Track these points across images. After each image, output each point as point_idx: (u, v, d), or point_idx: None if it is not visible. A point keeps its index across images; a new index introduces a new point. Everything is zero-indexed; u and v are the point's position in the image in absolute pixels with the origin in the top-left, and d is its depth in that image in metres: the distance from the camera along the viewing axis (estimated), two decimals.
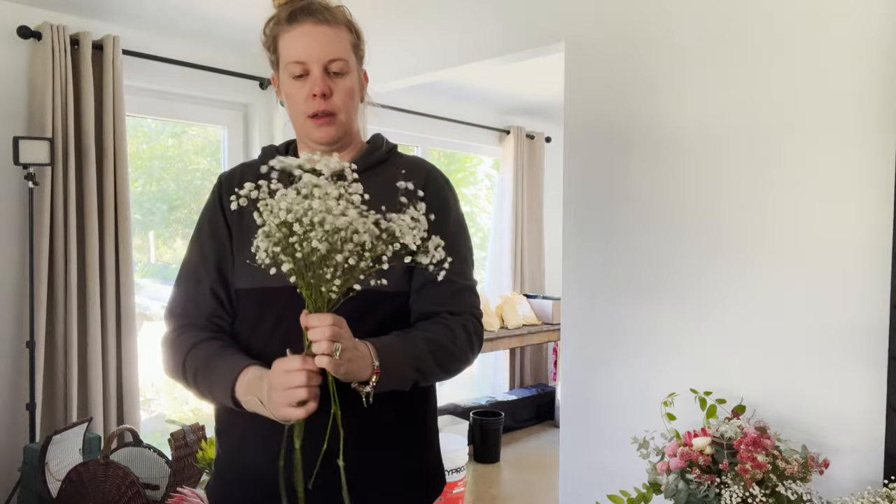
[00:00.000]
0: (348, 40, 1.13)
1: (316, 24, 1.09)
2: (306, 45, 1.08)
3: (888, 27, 1.50)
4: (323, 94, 1.09)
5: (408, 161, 1.25)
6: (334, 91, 1.10)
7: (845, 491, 1.44)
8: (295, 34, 1.09)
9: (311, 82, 1.09)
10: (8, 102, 2.64)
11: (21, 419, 2.63)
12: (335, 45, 1.10)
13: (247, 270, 1.10)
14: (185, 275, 1.17)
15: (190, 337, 1.11)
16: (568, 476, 2.16)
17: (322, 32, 1.09)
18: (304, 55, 1.09)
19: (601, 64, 2.05)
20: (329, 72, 1.10)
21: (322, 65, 1.09)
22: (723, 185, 1.77)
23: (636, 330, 1.96)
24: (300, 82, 1.10)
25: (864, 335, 1.53)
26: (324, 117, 1.11)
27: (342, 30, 1.12)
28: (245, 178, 1.11)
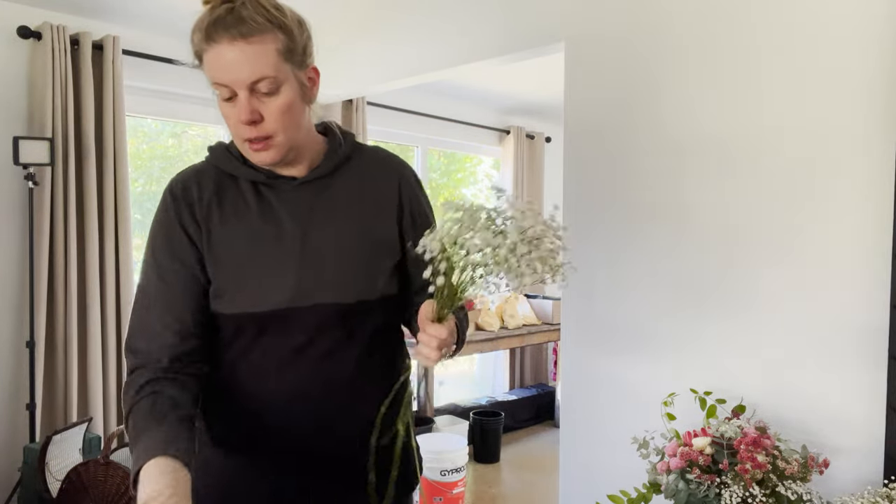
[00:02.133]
0: (275, 50, 0.96)
1: (231, 42, 0.93)
2: (225, 69, 0.94)
3: (889, 28, 1.50)
4: (251, 122, 0.97)
5: (374, 157, 1.16)
6: (265, 114, 0.97)
7: (845, 491, 1.44)
8: (212, 55, 0.95)
9: (238, 107, 0.96)
10: (8, 102, 2.64)
11: (21, 419, 2.63)
12: (257, 63, 0.94)
13: (235, 293, 1.03)
14: (141, 304, 1.04)
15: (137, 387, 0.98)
16: (568, 476, 2.16)
17: (240, 51, 0.93)
18: (223, 78, 0.95)
19: (601, 64, 2.04)
20: (257, 92, 0.96)
21: (246, 87, 0.95)
22: (722, 185, 1.77)
23: (636, 330, 1.96)
24: (230, 105, 0.98)
25: (864, 335, 1.53)
26: (259, 142, 0.99)
27: (265, 40, 0.95)
28: (203, 186, 1.06)
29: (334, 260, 1.05)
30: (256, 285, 1.03)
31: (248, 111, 0.96)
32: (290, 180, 1.07)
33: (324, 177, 1.09)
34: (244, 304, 1.03)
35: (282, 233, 1.04)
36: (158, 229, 1.06)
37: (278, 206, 1.05)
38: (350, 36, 2.98)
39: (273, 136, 0.99)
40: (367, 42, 2.89)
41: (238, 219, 1.05)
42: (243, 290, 1.03)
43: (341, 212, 1.08)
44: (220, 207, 1.05)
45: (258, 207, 1.05)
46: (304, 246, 1.04)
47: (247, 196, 1.06)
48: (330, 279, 1.04)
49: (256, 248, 1.03)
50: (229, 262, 1.03)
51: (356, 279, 1.06)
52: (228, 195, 1.06)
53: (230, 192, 1.06)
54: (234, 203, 1.05)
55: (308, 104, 1.06)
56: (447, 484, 3.07)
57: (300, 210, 1.06)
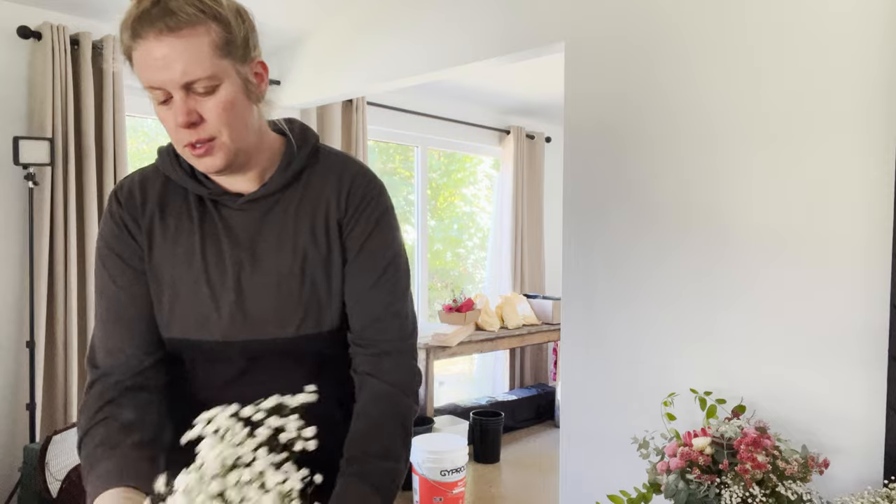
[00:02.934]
0: (209, 43, 0.85)
1: (158, 36, 0.82)
2: (154, 68, 0.84)
3: (889, 28, 1.50)
4: (189, 124, 0.86)
5: (331, 169, 1.02)
6: (204, 114, 0.87)
7: (845, 491, 1.44)
8: (140, 53, 0.85)
9: (174, 109, 0.86)
10: (8, 102, 2.64)
11: (21, 419, 2.63)
12: (190, 61, 0.83)
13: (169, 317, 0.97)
14: (99, 317, 0.98)
15: (92, 411, 0.93)
16: (568, 476, 2.16)
17: (170, 48, 0.83)
18: (156, 80, 0.85)
19: (601, 64, 2.04)
20: (194, 90, 0.86)
21: (180, 87, 0.85)
22: (723, 185, 1.77)
23: (636, 330, 1.96)
24: (166, 107, 0.87)
25: (864, 335, 1.53)
26: (202, 146, 0.88)
27: (197, 32, 0.84)
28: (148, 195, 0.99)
29: (275, 292, 0.96)
30: (189, 313, 0.96)
31: (184, 112, 0.85)
32: (235, 198, 0.97)
33: (273, 193, 0.98)
34: (177, 330, 0.97)
35: (220, 259, 0.96)
36: (106, 236, 0.99)
37: (221, 227, 0.97)
38: (350, 36, 2.98)
39: (216, 136, 0.88)
40: (366, 42, 2.89)
41: (178, 236, 0.97)
42: (176, 316, 0.96)
43: (287, 237, 0.97)
44: (162, 221, 0.98)
45: (200, 227, 0.97)
46: (242, 275, 0.96)
47: (192, 211, 0.98)
48: (269, 313, 0.96)
49: (193, 273, 0.96)
50: (165, 283, 0.97)
51: (298, 313, 0.96)
52: (173, 208, 0.98)
53: (174, 205, 0.99)
54: (177, 217, 0.98)
55: (255, 102, 0.94)
56: (447, 484, 3.07)
57: (243, 234, 0.97)
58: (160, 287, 0.97)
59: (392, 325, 0.99)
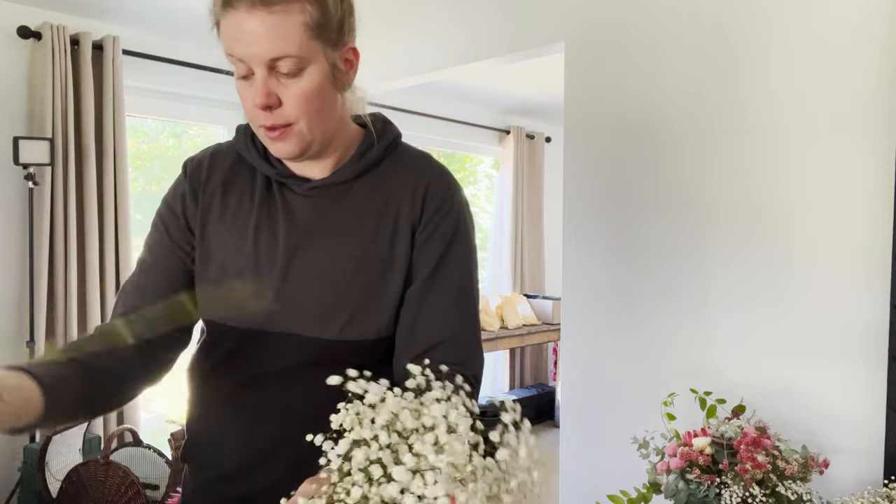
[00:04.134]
0: (302, 23, 0.80)
1: (250, 9, 0.79)
2: (240, 41, 0.80)
3: (890, 27, 1.50)
4: (265, 106, 0.83)
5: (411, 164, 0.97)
6: (284, 98, 0.83)
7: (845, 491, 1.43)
8: (229, 23, 0.81)
9: (254, 87, 0.83)
10: (8, 102, 2.64)
11: None
12: (279, 38, 0.79)
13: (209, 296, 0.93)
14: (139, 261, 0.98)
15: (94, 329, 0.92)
16: (568, 476, 2.16)
17: (260, 22, 0.79)
18: (238, 52, 0.81)
19: (601, 64, 2.04)
20: (277, 71, 0.82)
21: (264, 65, 0.81)
22: (723, 185, 1.77)
23: (636, 330, 1.96)
24: (247, 83, 0.84)
25: (864, 335, 1.53)
26: (276, 130, 0.85)
27: (291, 10, 0.80)
28: (215, 171, 0.96)
29: (324, 286, 0.90)
30: (232, 295, 0.91)
31: (263, 94, 0.81)
32: (302, 182, 0.92)
33: (342, 182, 0.93)
34: (217, 312, 0.93)
35: (274, 244, 0.91)
36: (165, 201, 0.98)
37: (282, 210, 0.92)
38: None
39: (293, 123, 0.84)
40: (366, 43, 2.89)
41: (237, 216, 0.93)
42: (219, 297, 0.92)
43: (349, 230, 0.91)
44: (224, 198, 0.94)
45: (260, 209, 0.93)
46: (293, 262, 0.90)
47: (255, 192, 0.94)
48: (314, 306, 0.89)
49: (244, 254, 0.92)
50: (214, 261, 0.93)
51: (344, 313, 0.89)
52: (236, 187, 0.95)
53: (239, 184, 0.95)
54: (239, 197, 0.94)
55: (341, 91, 0.90)
56: None
57: (302, 221, 0.92)
58: (208, 265, 0.93)
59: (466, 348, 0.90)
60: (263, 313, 0.90)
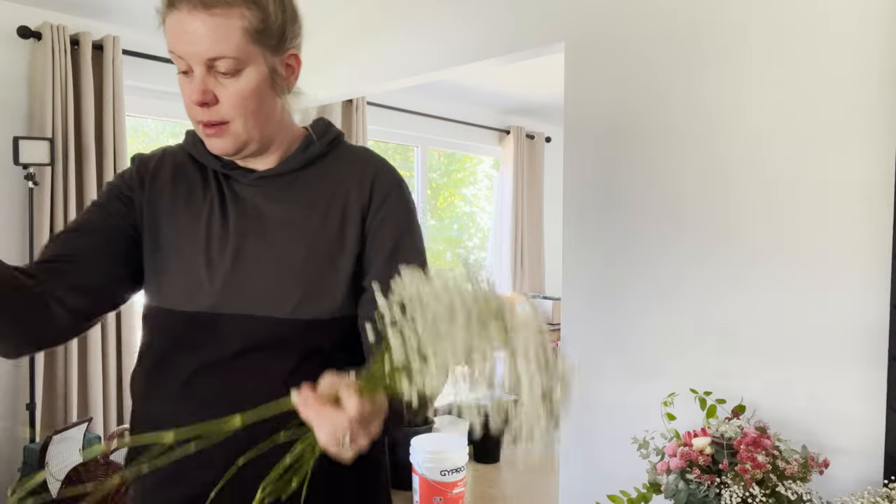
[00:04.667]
0: (241, 27, 0.85)
1: (192, 11, 0.83)
2: (181, 39, 0.85)
3: (890, 27, 1.50)
4: (201, 103, 0.86)
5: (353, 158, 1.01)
6: (221, 97, 0.87)
7: (845, 491, 1.43)
8: (172, 22, 0.86)
9: (192, 84, 0.86)
10: (8, 102, 2.64)
11: (21, 419, 2.63)
12: (217, 39, 0.83)
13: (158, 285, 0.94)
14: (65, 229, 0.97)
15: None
16: (568, 476, 2.16)
17: (200, 23, 0.83)
18: (178, 49, 0.86)
19: (601, 64, 2.04)
20: (215, 70, 0.86)
21: (202, 63, 0.85)
22: (723, 185, 1.77)
23: (636, 330, 1.96)
24: (187, 79, 0.88)
25: (864, 335, 1.53)
26: (212, 127, 0.88)
27: (230, 14, 0.84)
28: (164, 165, 1.00)
29: (275, 267, 0.92)
30: (183, 280, 0.93)
31: (200, 91, 0.85)
32: (248, 173, 0.96)
33: (288, 173, 0.96)
34: (167, 300, 0.93)
35: (224, 230, 0.94)
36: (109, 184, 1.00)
37: (231, 200, 0.96)
38: (350, 36, 2.98)
39: (229, 122, 0.88)
40: (367, 42, 2.89)
41: (188, 206, 0.96)
42: (169, 284, 0.94)
43: (298, 215, 0.94)
44: (174, 189, 0.97)
45: (211, 199, 0.96)
46: (243, 246, 0.93)
47: (205, 185, 0.98)
48: (265, 287, 0.91)
49: (195, 242, 0.94)
50: (165, 250, 0.95)
51: (296, 292, 0.91)
52: (186, 181, 0.98)
53: (189, 179, 0.98)
54: (189, 188, 0.97)
55: (280, 94, 0.94)
56: (447, 484, 3.07)
57: (252, 208, 0.95)
58: (159, 254, 0.95)
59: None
60: (216, 295, 0.91)
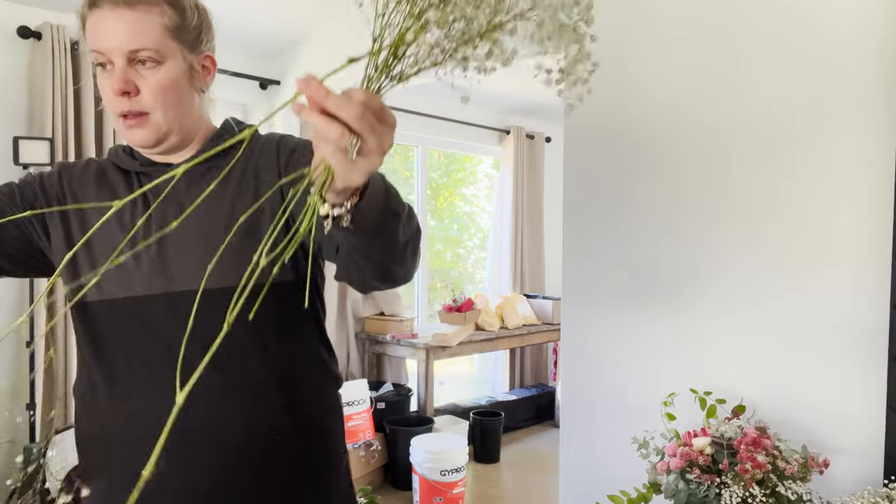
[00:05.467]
0: (161, 24, 0.93)
1: (114, 7, 0.90)
2: (104, 35, 0.91)
3: (890, 27, 1.50)
4: (125, 92, 0.92)
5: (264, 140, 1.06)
6: (141, 86, 0.92)
7: (845, 491, 1.44)
8: (94, 20, 0.92)
9: (113, 75, 0.92)
10: (8, 102, 2.64)
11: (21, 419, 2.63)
12: (139, 32, 0.91)
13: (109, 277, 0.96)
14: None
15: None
16: (568, 476, 2.16)
17: (121, 18, 0.90)
18: (100, 45, 0.91)
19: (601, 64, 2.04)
20: (135, 63, 0.92)
21: (123, 56, 0.91)
22: (723, 184, 1.77)
23: (636, 329, 1.96)
24: (106, 75, 0.93)
25: (864, 335, 1.53)
26: (133, 118, 0.94)
27: (151, 11, 0.92)
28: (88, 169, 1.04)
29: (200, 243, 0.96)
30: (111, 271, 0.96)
31: (121, 80, 0.91)
32: (165, 167, 1.01)
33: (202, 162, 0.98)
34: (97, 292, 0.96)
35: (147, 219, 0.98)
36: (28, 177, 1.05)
37: (151, 193, 0.99)
38: (350, 36, 2.98)
39: (149, 112, 0.94)
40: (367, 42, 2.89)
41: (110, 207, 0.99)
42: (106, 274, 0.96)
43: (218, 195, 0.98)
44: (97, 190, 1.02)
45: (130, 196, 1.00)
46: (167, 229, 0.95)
47: (128, 187, 1.02)
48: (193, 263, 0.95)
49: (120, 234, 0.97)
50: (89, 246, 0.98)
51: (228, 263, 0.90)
52: (108, 185, 1.02)
53: (111, 183, 1.02)
54: (112, 191, 1.02)
55: (198, 91, 1.00)
56: (447, 484, 3.07)
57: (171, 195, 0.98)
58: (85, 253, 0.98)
59: None
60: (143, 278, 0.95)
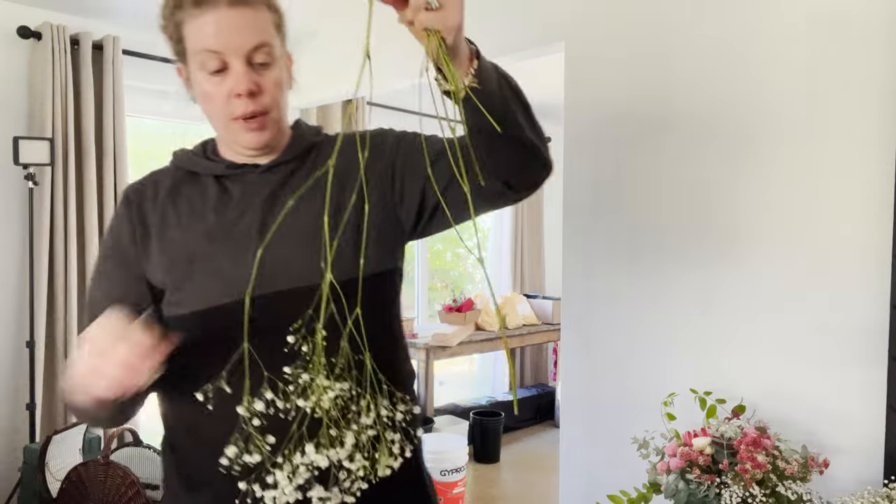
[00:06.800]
0: (271, 20, 0.91)
1: (231, 5, 0.87)
2: (222, 34, 0.87)
3: (890, 25, 1.50)
4: (251, 93, 0.89)
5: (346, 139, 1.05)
6: (263, 86, 0.90)
7: (845, 491, 1.44)
8: (205, 20, 0.87)
9: (232, 78, 0.88)
10: (8, 102, 2.64)
11: (21, 419, 2.63)
12: (258, 29, 0.88)
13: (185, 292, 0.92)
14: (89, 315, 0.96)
15: None
16: (568, 476, 2.16)
17: (240, 16, 0.87)
18: (220, 45, 0.87)
19: (601, 64, 2.04)
20: (253, 63, 0.89)
21: (244, 56, 0.88)
22: (723, 185, 1.77)
23: (636, 330, 1.96)
24: (218, 78, 0.89)
25: (864, 335, 1.53)
26: (256, 119, 0.91)
27: (261, 8, 0.90)
28: (160, 186, 0.99)
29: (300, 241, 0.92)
30: (210, 280, 0.92)
31: (248, 80, 0.88)
32: (252, 168, 0.98)
33: (289, 161, 0.99)
34: (199, 301, 0.91)
35: (240, 224, 0.94)
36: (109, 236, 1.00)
37: (240, 196, 0.96)
38: (350, 36, 2.98)
39: (269, 111, 0.91)
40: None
41: (193, 216, 0.96)
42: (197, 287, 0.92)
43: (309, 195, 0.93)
44: (174, 206, 0.97)
45: (217, 201, 0.96)
46: (263, 231, 0.93)
47: (207, 191, 0.98)
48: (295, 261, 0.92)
49: (213, 242, 0.93)
50: (183, 260, 0.93)
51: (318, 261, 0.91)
52: (185, 192, 0.98)
53: (187, 189, 0.98)
54: (190, 200, 0.97)
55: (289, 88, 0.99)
56: (447, 484, 3.07)
57: (262, 198, 0.96)
58: (176, 266, 0.94)
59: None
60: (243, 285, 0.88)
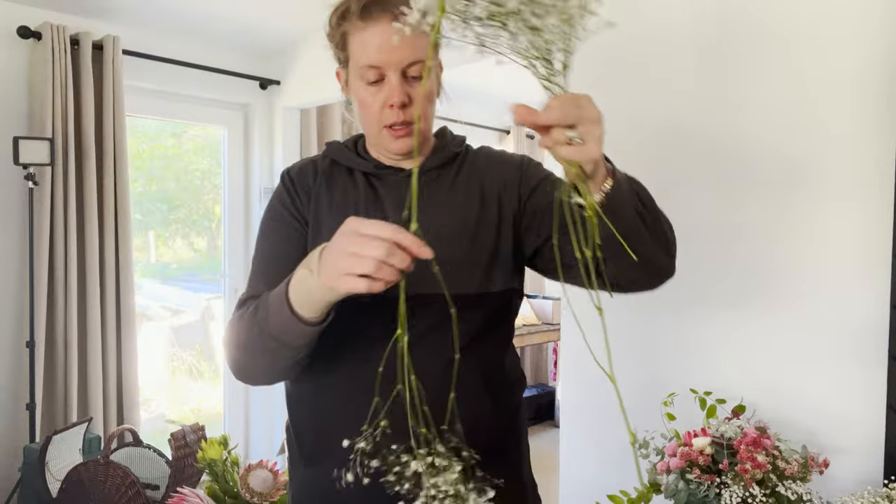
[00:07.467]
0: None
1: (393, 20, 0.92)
2: (381, 48, 0.94)
3: (889, 27, 1.50)
4: (402, 105, 0.97)
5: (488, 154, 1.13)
6: (414, 99, 0.98)
7: (845, 491, 1.44)
8: (369, 34, 0.95)
9: (387, 90, 0.97)
10: (8, 102, 2.64)
11: (21, 419, 2.63)
12: (414, 46, 0.94)
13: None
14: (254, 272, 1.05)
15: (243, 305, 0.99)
16: (568, 476, 2.16)
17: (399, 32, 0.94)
18: (381, 60, 0.95)
19: (601, 64, 2.04)
20: (407, 76, 0.97)
21: (400, 70, 0.96)
22: (722, 184, 1.77)
23: (636, 330, 1.96)
24: (374, 88, 0.98)
25: (864, 335, 1.53)
26: (402, 128, 0.99)
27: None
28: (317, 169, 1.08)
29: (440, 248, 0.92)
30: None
31: (402, 93, 0.96)
32: (397, 171, 1.06)
33: (431, 170, 1.07)
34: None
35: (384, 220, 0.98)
36: (273, 205, 1.07)
37: (385, 196, 1.04)
38: None
39: (414, 122, 0.97)
40: None
41: (345, 205, 1.04)
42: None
43: (452, 202, 1.04)
44: (329, 193, 1.05)
45: (365, 196, 1.05)
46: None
47: (357, 185, 1.06)
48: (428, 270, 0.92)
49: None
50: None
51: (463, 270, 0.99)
52: (339, 182, 1.07)
53: (340, 180, 1.07)
54: (343, 190, 1.06)
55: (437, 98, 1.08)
56: None
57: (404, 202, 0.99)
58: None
59: None
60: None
